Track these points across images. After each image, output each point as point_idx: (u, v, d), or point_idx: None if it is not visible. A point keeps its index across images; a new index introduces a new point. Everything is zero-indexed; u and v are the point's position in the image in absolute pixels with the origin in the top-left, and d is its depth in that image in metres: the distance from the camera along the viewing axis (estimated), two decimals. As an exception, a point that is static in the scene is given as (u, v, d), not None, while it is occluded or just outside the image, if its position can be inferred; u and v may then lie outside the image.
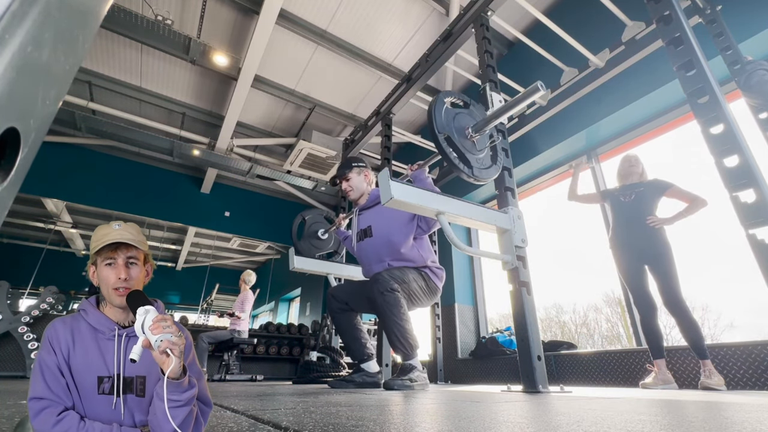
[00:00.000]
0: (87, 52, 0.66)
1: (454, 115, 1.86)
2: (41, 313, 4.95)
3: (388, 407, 1.09)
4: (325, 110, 5.87)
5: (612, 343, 3.88)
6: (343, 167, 2.58)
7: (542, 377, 1.77)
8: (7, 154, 0.25)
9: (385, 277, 2.13)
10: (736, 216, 1.56)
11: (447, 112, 1.84)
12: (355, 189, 2.53)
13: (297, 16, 4.41)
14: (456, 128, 1.83)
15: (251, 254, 11.01)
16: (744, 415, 0.85)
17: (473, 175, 1.81)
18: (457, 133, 1.82)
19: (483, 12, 2.74)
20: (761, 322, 2.71)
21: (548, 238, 4.59)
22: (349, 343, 2.39)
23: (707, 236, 3.12)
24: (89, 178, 6.31)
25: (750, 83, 2.31)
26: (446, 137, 1.77)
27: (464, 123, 1.88)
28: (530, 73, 4.06)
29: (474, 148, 1.88)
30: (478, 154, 1.89)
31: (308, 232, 3.45)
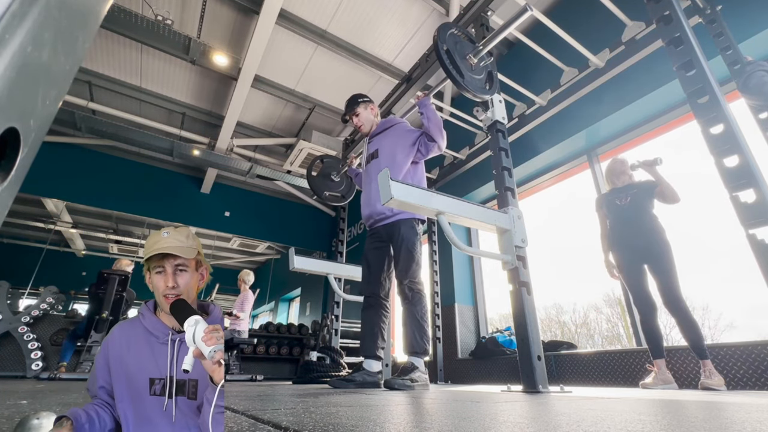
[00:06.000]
0: (87, 52, 0.66)
1: (457, 41, 2.15)
2: (41, 313, 4.96)
3: (388, 407, 1.09)
4: (325, 110, 5.87)
5: (612, 343, 3.88)
6: (350, 105, 2.75)
7: (542, 377, 1.77)
8: (7, 154, 0.25)
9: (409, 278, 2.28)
10: (736, 216, 1.56)
11: (451, 36, 2.12)
12: (365, 122, 2.73)
13: (297, 16, 4.41)
14: (457, 50, 2.11)
15: (251, 254, 11.01)
16: (744, 415, 0.85)
17: (464, 84, 2.02)
18: (458, 53, 2.10)
19: (483, 12, 2.74)
20: (761, 322, 2.71)
21: (548, 238, 4.59)
22: (365, 336, 2.41)
23: (707, 236, 3.12)
24: (89, 178, 6.31)
25: (749, 84, 2.31)
26: (447, 50, 2.03)
27: (465, 50, 2.17)
28: (530, 73, 4.06)
29: (470, 69, 2.14)
30: (473, 73, 2.15)
31: (323, 172, 3.67)
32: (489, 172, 2.41)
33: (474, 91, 2.09)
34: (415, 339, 2.17)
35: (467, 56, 2.15)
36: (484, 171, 4.50)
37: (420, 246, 2.40)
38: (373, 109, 2.79)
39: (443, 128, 2.46)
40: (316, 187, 3.57)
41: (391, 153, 2.51)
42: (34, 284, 7.81)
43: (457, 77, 2.02)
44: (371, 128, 2.75)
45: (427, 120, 2.42)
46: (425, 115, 2.43)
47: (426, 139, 2.46)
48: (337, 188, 3.68)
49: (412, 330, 2.20)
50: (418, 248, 2.37)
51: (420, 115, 2.48)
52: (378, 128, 2.73)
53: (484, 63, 2.24)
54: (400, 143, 2.52)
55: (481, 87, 2.20)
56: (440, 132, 2.42)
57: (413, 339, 2.17)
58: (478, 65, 2.19)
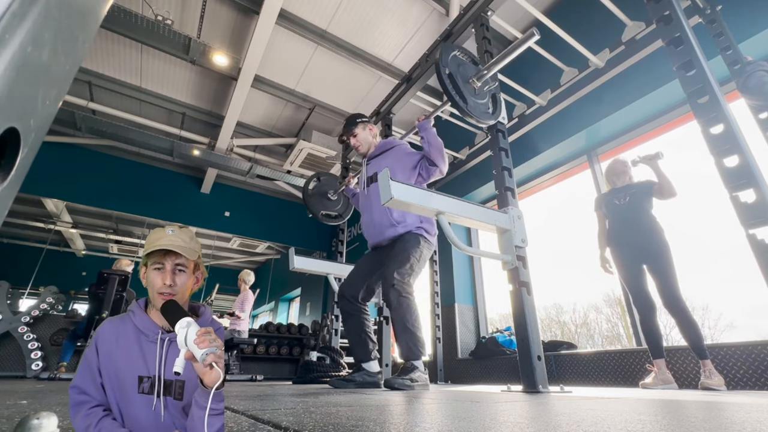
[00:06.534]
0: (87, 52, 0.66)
1: (460, 63, 2.10)
2: (41, 313, 4.96)
3: (388, 407, 1.09)
4: (325, 110, 5.87)
5: (612, 343, 3.88)
6: (348, 125, 2.68)
7: (542, 377, 1.77)
8: (7, 154, 0.25)
9: (397, 279, 2.15)
10: (736, 216, 1.56)
11: (454, 58, 2.06)
12: (362, 143, 2.66)
13: (297, 16, 4.41)
14: (460, 72, 2.04)
15: (251, 254, 11.01)
16: (744, 415, 0.85)
17: (468, 110, 1.96)
18: (461, 76, 2.03)
19: (483, 12, 2.74)
20: (761, 322, 2.71)
21: (549, 238, 4.59)
22: (354, 344, 2.40)
23: (707, 236, 3.12)
24: (89, 178, 6.31)
25: (748, 85, 2.31)
26: (449, 74, 1.97)
27: (468, 72, 2.11)
28: (530, 73, 4.06)
29: (473, 92, 2.07)
30: (476, 98, 2.08)
31: (320, 190, 3.56)
32: (489, 172, 2.41)
33: (478, 117, 2.02)
34: (410, 350, 2.12)
35: (470, 80, 2.08)
36: (484, 171, 4.50)
37: (420, 255, 2.29)
38: (371, 129, 2.72)
39: (444, 151, 2.39)
40: (312, 206, 3.46)
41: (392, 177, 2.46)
42: (34, 284, 7.81)
43: (460, 103, 1.96)
44: (369, 149, 2.68)
45: (428, 144, 2.36)
46: (426, 139, 2.38)
47: (427, 162, 2.40)
48: (333, 207, 3.58)
49: (405, 341, 2.13)
50: (417, 254, 2.27)
51: (420, 139, 2.42)
52: (376, 150, 2.66)
53: (488, 87, 2.17)
54: (400, 166, 2.45)
55: (485, 112, 2.13)
56: (442, 156, 2.37)
57: (407, 350, 2.12)
58: (482, 89, 2.13)
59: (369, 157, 2.68)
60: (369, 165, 2.66)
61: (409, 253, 2.26)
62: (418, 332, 2.16)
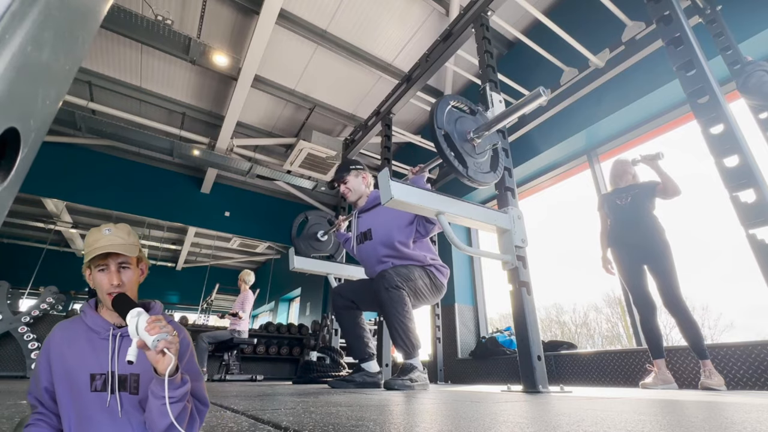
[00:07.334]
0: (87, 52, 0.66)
1: (457, 117, 1.89)
2: (41, 313, 4.95)
3: (388, 407, 1.09)
4: (325, 110, 5.87)
5: (612, 343, 3.88)
6: (340, 171, 2.56)
7: (542, 377, 1.77)
8: (7, 154, 0.25)
9: (390, 273, 2.14)
10: (736, 216, 1.56)
11: (450, 113, 1.86)
12: (353, 191, 2.52)
13: (297, 16, 4.41)
14: (457, 130, 1.84)
15: (251, 254, 11.01)
16: (744, 415, 0.85)
17: (467, 175, 1.79)
18: (458, 134, 1.83)
19: (483, 12, 2.74)
20: (761, 322, 2.71)
21: (548, 238, 4.59)
22: (352, 342, 2.39)
23: (707, 236, 3.12)
24: (89, 178, 6.31)
25: (748, 85, 2.31)
26: (445, 134, 1.78)
27: (466, 127, 1.89)
28: (530, 73, 4.06)
29: (473, 151, 1.88)
30: (476, 157, 1.89)
31: (308, 232, 3.46)
32: (489, 172, 2.39)
33: (479, 181, 1.84)
34: (401, 340, 2.08)
35: (469, 136, 1.87)
36: (484, 171, 4.49)
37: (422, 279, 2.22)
38: (365, 178, 2.56)
39: None
40: (301, 251, 3.31)
41: (386, 236, 2.30)
42: (34, 284, 7.81)
43: (459, 168, 1.76)
44: (359, 199, 2.54)
45: None
46: None
47: (424, 219, 2.26)
48: (324, 248, 3.45)
49: (393, 335, 2.09)
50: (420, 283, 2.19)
51: None
52: (368, 203, 2.51)
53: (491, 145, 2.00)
54: (396, 223, 2.30)
55: (486, 171, 1.93)
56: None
57: (399, 341, 2.09)
58: (482, 146, 1.93)
59: (361, 210, 2.54)
60: (360, 219, 2.52)
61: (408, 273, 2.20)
62: (410, 323, 2.11)
